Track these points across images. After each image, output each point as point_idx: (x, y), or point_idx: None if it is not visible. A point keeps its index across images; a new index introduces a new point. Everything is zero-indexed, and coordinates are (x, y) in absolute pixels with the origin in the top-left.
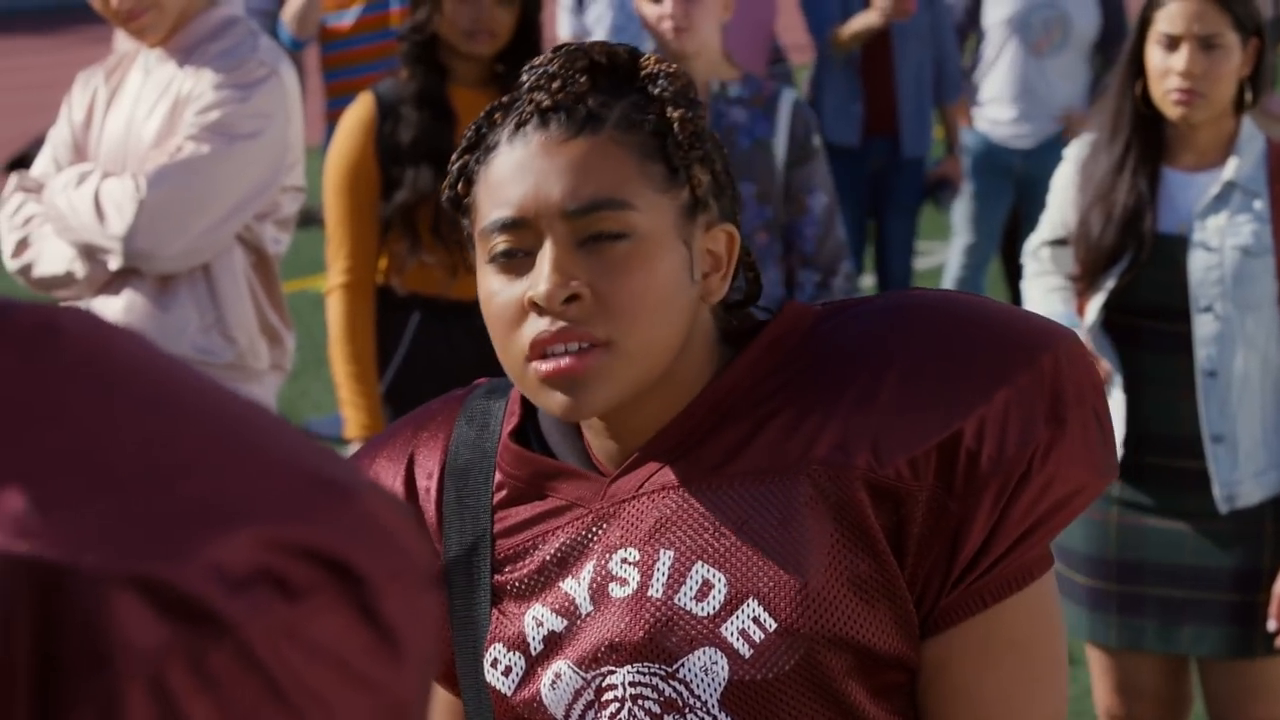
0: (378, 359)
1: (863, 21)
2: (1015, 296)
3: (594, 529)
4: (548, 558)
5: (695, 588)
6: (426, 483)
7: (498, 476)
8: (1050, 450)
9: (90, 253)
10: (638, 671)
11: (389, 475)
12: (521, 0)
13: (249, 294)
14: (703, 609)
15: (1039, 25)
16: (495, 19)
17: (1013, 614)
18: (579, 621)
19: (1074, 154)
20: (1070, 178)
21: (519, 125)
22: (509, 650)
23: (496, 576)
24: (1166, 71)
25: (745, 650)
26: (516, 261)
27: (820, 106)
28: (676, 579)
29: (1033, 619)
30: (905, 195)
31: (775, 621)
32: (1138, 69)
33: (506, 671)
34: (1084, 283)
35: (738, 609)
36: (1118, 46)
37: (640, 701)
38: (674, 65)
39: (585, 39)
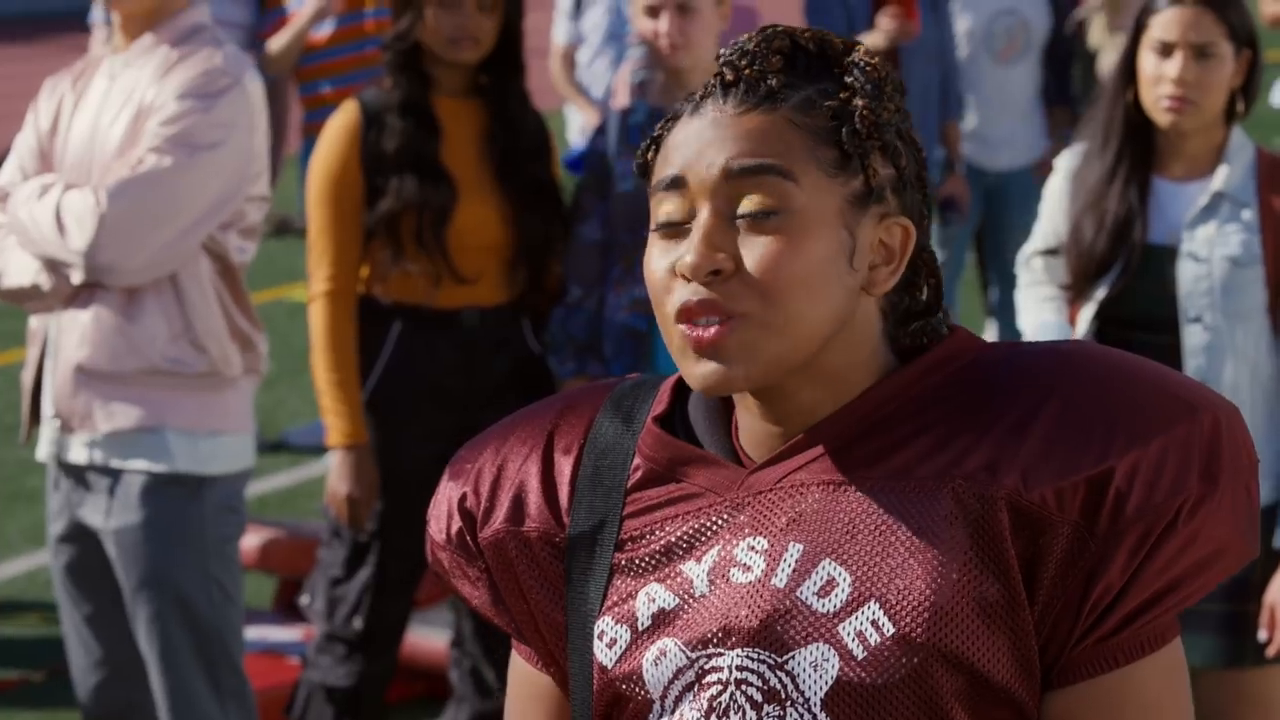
0: (360, 367)
1: (868, 42)
2: (988, 305)
3: (725, 517)
4: (672, 540)
5: (819, 583)
6: (564, 458)
7: (636, 459)
8: (1199, 506)
9: (54, 266)
10: (746, 657)
11: (526, 447)
12: (504, 8)
13: (217, 302)
14: (824, 605)
15: (1002, 34)
16: (478, 27)
17: (1145, 675)
18: (692, 602)
19: (1065, 164)
20: (1062, 187)
21: (703, 96)
22: (616, 623)
23: (618, 554)
24: (1159, 78)
25: (859, 651)
26: (675, 231)
27: None
28: (802, 572)
29: (1166, 682)
30: None
31: (894, 627)
32: (1130, 75)
33: (611, 644)
34: (1075, 291)
35: (858, 610)
36: (1063, 48)
37: (744, 687)
38: (877, 58)
39: (580, 44)
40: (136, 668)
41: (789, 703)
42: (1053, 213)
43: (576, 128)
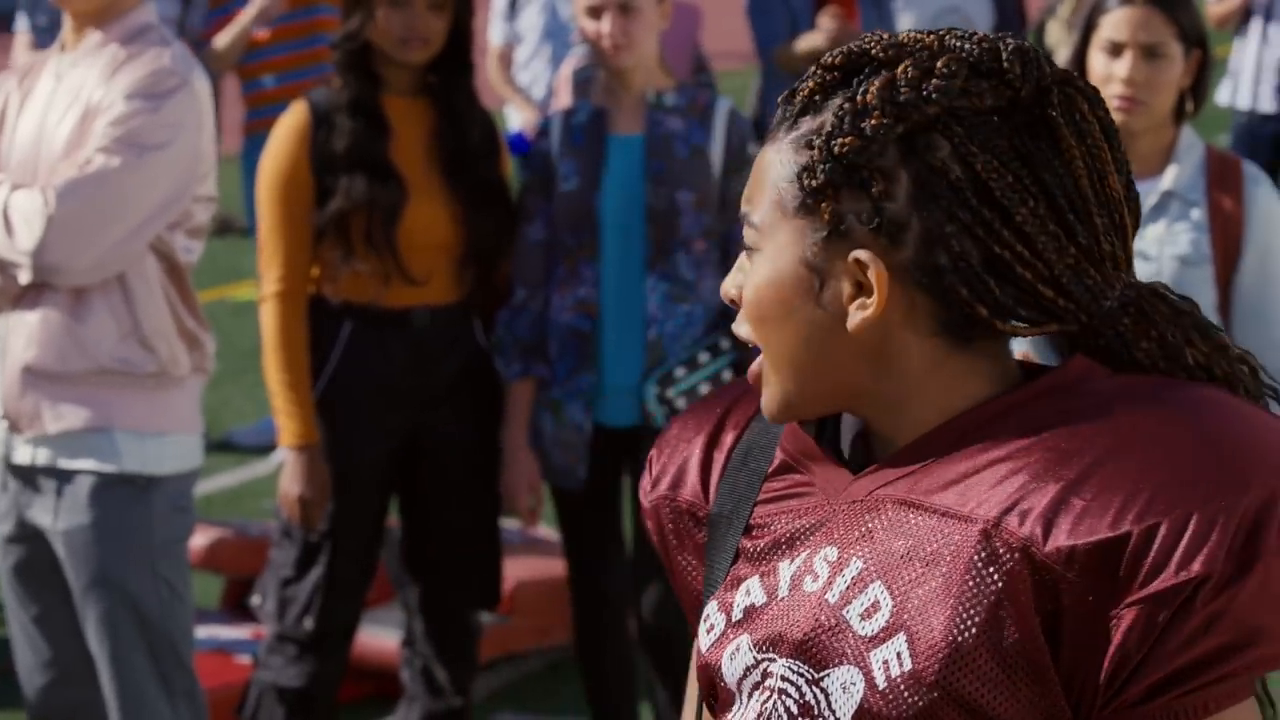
0: (311, 368)
1: (808, 42)
2: None
3: (825, 520)
4: (782, 534)
5: (865, 605)
6: (729, 435)
7: (778, 449)
8: (1225, 587)
9: (1, 266)
10: (790, 668)
11: (704, 421)
12: (454, 8)
13: (165, 302)
14: (864, 628)
15: None
16: (428, 27)
17: None
18: (774, 603)
19: None
20: None
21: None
22: (718, 610)
23: (744, 540)
24: (1109, 78)
25: (881, 681)
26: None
27: (766, 118)
28: (853, 591)
29: None
30: None
31: (911, 663)
32: (1080, 74)
33: (709, 629)
34: None
35: (890, 639)
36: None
37: (784, 697)
38: (882, 80)
39: (515, 45)
40: (85, 668)
41: (820, 719)
42: None
43: (516, 127)
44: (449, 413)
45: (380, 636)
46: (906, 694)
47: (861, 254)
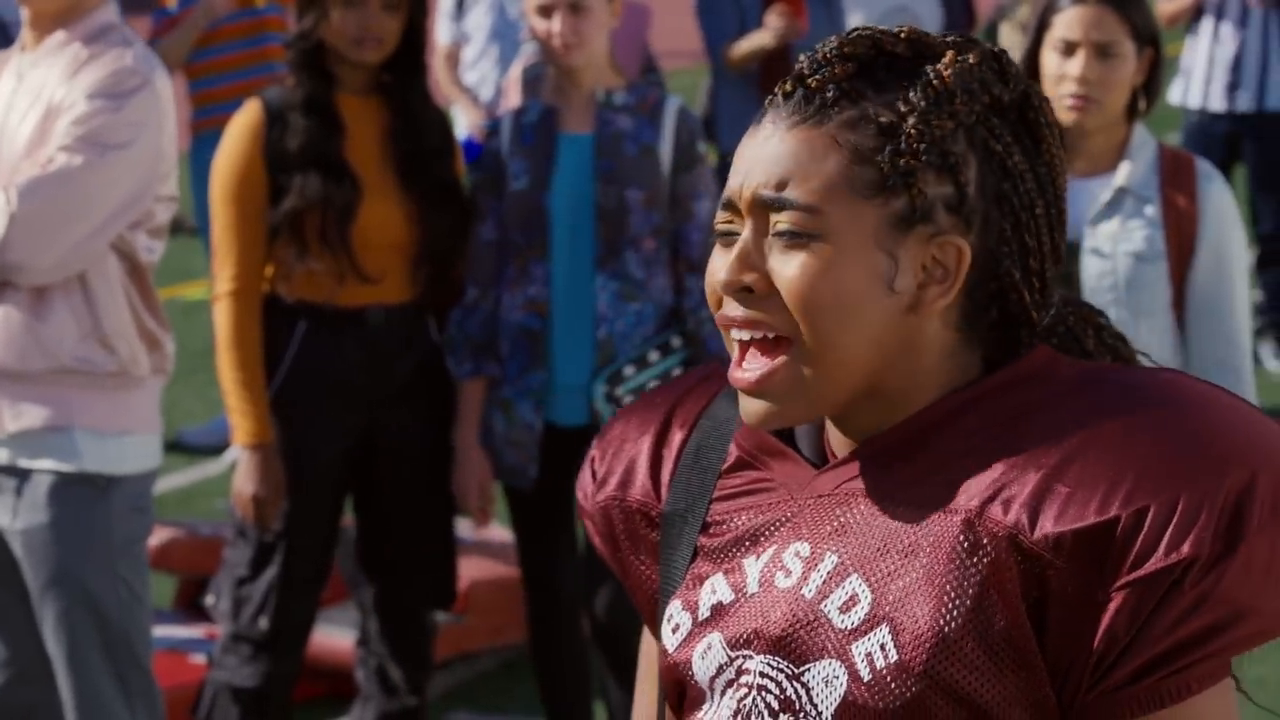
0: (265, 366)
1: (756, 41)
2: None
3: (789, 515)
4: (743, 532)
5: (844, 598)
6: (678, 434)
7: (732, 444)
8: (1212, 567)
9: None
10: (768, 664)
11: (649, 420)
12: (408, 8)
13: (125, 302)
14: (843, 621)
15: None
16: (382, 26)
17: None
18: (743, 600)
19: None
20: None
21: (770, 102)
22: (683, 610)
23: (702, 538)
24: (1062, 77)
25: (866, 673)
26: (728, 240)
27: (717, 117)
28: (830, 585)
29: None
30: None
31: (897, 654)
32: (1033, 73)
33: (675, 629)
34: None
35: (871, 631)
36: None
37: (764, 693)
38: (956, 66)
39: (463, 45)
40: (42, 668)
41: (803, 714)
42: None
43: (462, 127)
44: (404, 412)
45: (335, 636)
46: (894, 685)
47: (955, 238)
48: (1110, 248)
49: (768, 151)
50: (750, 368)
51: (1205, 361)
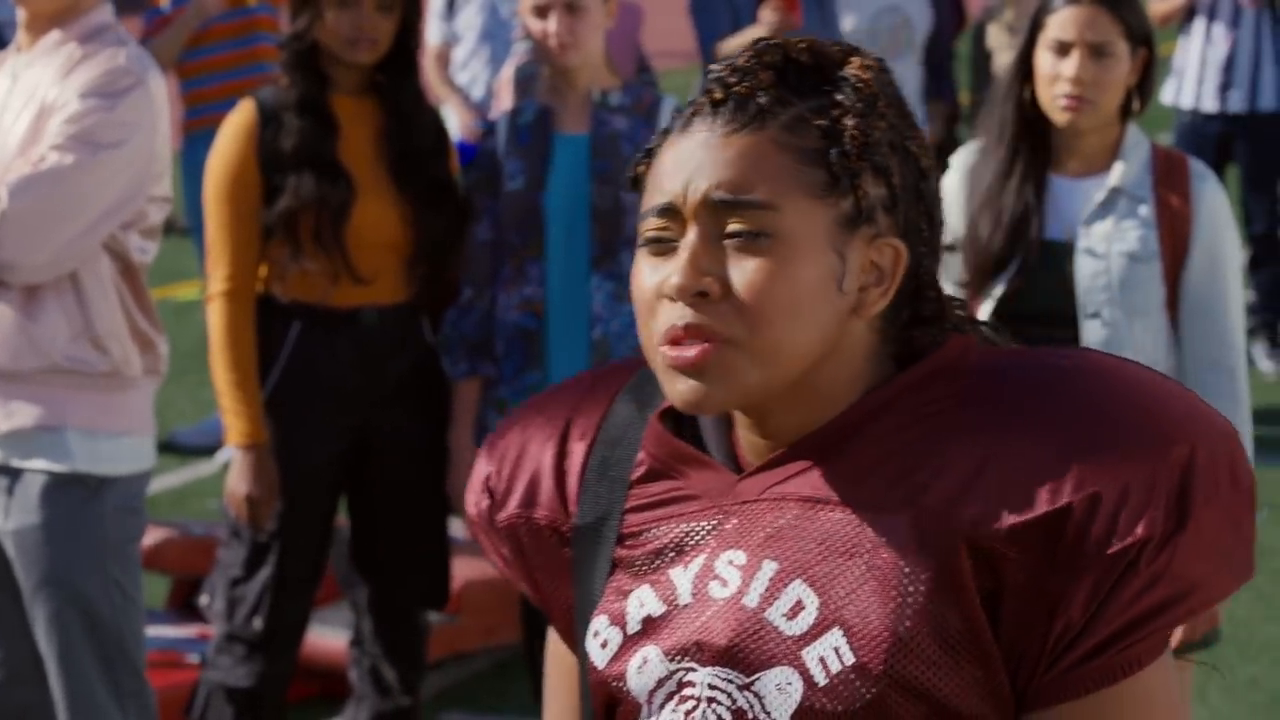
0: (259, 367)
1: (749, 37)
2: None
3: (714, 523)
4: (666, 542)
5: (788, 605)
6: (578, 445)
7: (640, 453)
8: (1165, 544)
9: None
10: (716, 675)
11: (549, 428)
12: (402, 8)
13: (118, 302)
14: (791, 628)
15: (885, 31)
16: (376, 27)
17: (1118, 703)
18: (676, 611)
19: (960, 160)
20: (957, 184)
21: (692, 114)
22: (610, 624)
23: (619, 549)
24: (1056, 77)
25: (821, 678)
26: (664, 248)
27: None
28: (773, 592)
29: (1141, 709)
30: None
31: (853, 656)
32: (1026, 73)
33: (603, 645)
34: (973, 288)
35: (822, 635)
36: (940, 45)
37: (714, 705)
38: (877, 70)
39: (454, 44)
40: (34, 669)
41: None
42: (948, 210)
43: (454, 128)
44: (398, 412)
45: (328, 636)
46: (852, 687)
47: (893, 239)
48: (1104, 248)
49: (712, 157)
50: (691, 344)
51: (1199, 361)
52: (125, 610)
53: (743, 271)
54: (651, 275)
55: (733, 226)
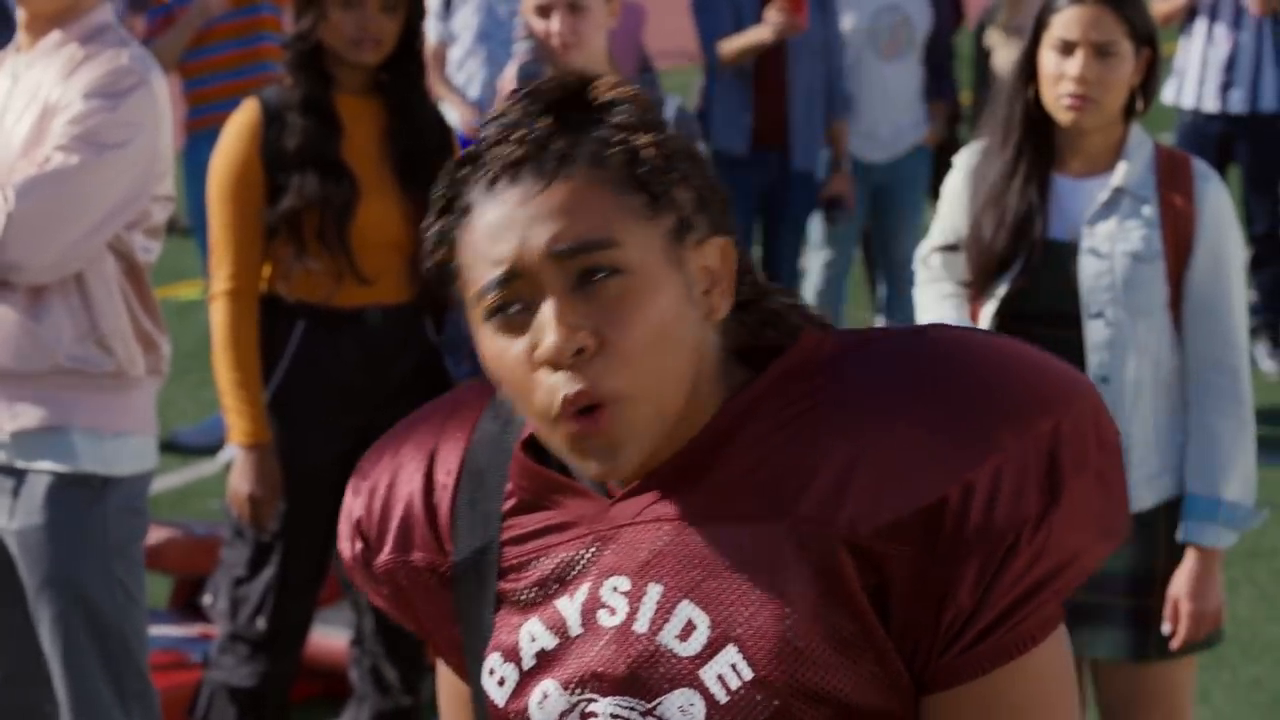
0: (262, 366)
1: (754, 36)
2: (876, 302)
3: (593, 550)
4: (548, 572)
5: (679, 627)
6: (445, 479)
7: (509, 484)
8: (1042, 521)
9: None
10: (618, 704)
11: (413, 463)
12: (406, 9)
13: (122, 303)
14: (685, 649)
15: (885, 30)
16: (380, 27)
17: (1011, 679)
18: (568, 643)
19: (964, 160)
20: (961, 183)
21: (492, 182)
22: (504, 660)
23: (502, 583)
24: (1060, 76)
25: (721, 696)
26: (515, 317)
27: (709, 115)
28: (662, 616)
29: (1035, 683)
30: (796, 207)
31: (751, 671)
32: (1030, 73)
33: (500, 682)
34: (976, 288)
35: (718, 653)
36: (940, 45)
37: None
38: (630, 88)
39: (450, 44)
40: (38, 669)
41: None
42: (951, 209)
43: (453, 125)
44: (401, 412)
45: (329, 635)
46: (756, 701)
47: (715, 238)
48: (1108, 248)
49: (534, 214)
50: (592, 413)
51: (1202, 361)
52: (129, 610)
53: (610, 317)
54: (514, 347)
55: (582, 270)
